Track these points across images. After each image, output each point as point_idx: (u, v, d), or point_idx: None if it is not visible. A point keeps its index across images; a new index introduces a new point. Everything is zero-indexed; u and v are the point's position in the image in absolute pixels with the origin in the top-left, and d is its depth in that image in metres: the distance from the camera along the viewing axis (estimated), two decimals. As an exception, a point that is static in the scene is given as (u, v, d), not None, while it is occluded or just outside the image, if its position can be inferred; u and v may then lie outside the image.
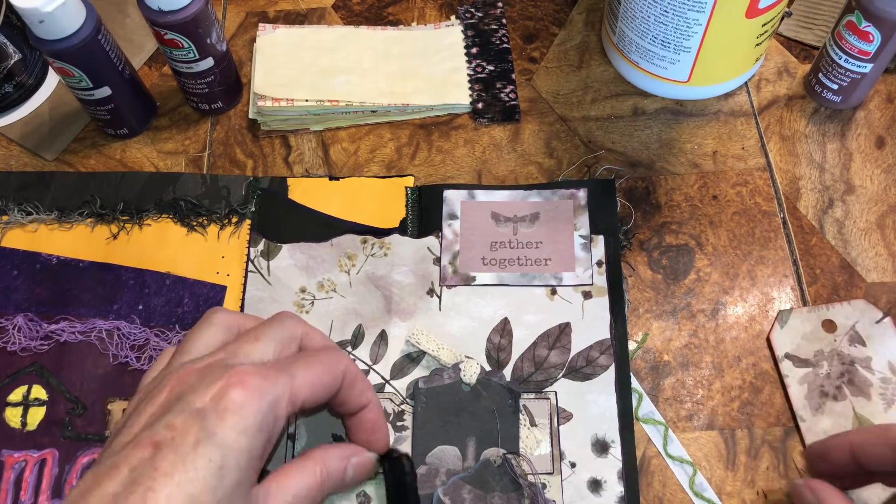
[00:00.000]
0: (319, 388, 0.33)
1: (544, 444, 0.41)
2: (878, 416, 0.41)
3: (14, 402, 0.43)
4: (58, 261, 0.47)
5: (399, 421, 0.42)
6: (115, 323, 0.45)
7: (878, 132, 0.50)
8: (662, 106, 0.51)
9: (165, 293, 0.46)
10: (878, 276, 0.45)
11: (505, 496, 0.40)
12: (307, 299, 0.46)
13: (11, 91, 0.51)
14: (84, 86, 0.46)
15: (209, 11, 0.46)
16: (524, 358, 0.44)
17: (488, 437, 0.41)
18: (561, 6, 0.56)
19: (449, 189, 0.48)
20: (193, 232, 0.48)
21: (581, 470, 0.41)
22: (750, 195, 0.48)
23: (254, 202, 0.48)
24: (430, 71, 0.52)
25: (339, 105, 0.50)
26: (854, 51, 0.46)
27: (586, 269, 0.46)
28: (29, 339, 0.45)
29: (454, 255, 0.46)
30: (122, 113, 0.49)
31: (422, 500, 0.39)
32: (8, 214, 0.48)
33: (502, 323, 0.45)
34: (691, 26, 0.45)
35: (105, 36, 0.45)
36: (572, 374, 0.43)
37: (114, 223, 0.48)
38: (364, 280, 0.46)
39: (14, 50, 0.50)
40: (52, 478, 0.41)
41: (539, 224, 0.48)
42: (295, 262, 0.47)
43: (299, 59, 0.52)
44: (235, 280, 0.46)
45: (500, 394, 0.42)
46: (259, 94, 0.50)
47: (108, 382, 0.43)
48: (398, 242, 0.47)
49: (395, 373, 0.44)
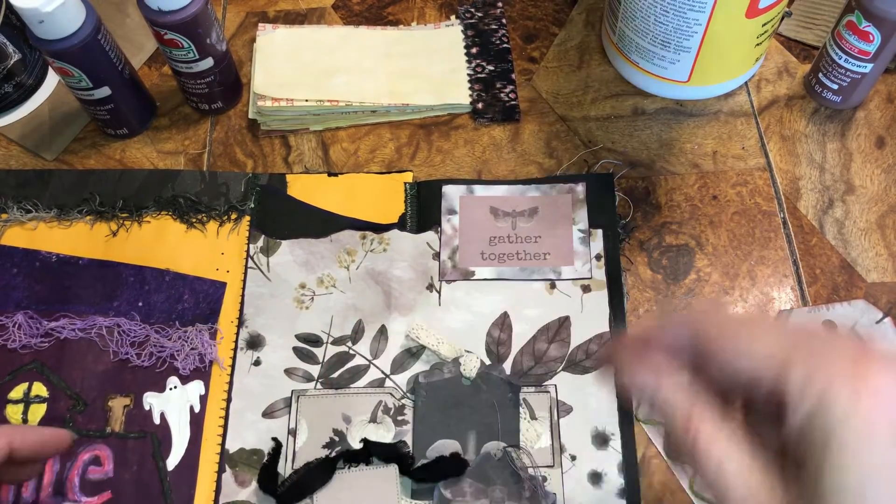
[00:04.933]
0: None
1: (544, 437, 0.42)
2: None
3: (15, 399, 0.43)
4: (57, 258, 0.47)
5: (399, 415, 0.42)
6: (115, 320, 0.45)
7: (878, 132, 0.50)
8: (662, 106, 0.52)
9: (165, 290, 0.46)
10: (878, 276, 0.46)
11: (506, 489, 0.40)
12: (307, 295, 0.46)
13: (11, 91, 0.52)
14: (84, 86, 0.47)
15: (209, 11, 0.46)
16: (524, 352, 0.44)
17: (489, 431, 0.41)
18: (561, 6, 0.56)
19: (448, 184, 0.49)
20: (193, 229, 0.48)
21: (581, 463, 0.41)
22: (750, 195, 0.48)
23: (253, 198, 0.49)
24: (430, 71, 0.53)
25: (339, 105, 0.51)
26: (854, 51, 0.46)
27: (585, 263, 0.46)
28: (29, 336, 0.45)
29: (453, 250, 0.47)
30: (122, 113, 0.50)
31: (423, 494, 0.40)
32: (7, 212, 0.48)
33: (502, 317, 0.45)
34: (691, 26, 0.45)
35: (105, 36, 0.46)
36: (572, 368, 0.44)
37: (113, 220, 0.48)
38: (363, 275, 0.46)
39: (14, 50, 0.50)
40: (54, 474, 0.42)
41: (538, 218, 0.48)
42: (294, 258, 0.47)
43: (299, 59, 0.53)
44: (235, 276, 0.46)
45: (500, 387, 0.43)
46: (259, 94, 0.51)
47: (108, 379, 0.44)
48: (397, 238, 0.47)
49: (395, 367, 0.44)
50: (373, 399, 0.43)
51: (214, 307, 0.46)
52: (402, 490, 0.40)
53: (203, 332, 0.45)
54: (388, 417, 0.42)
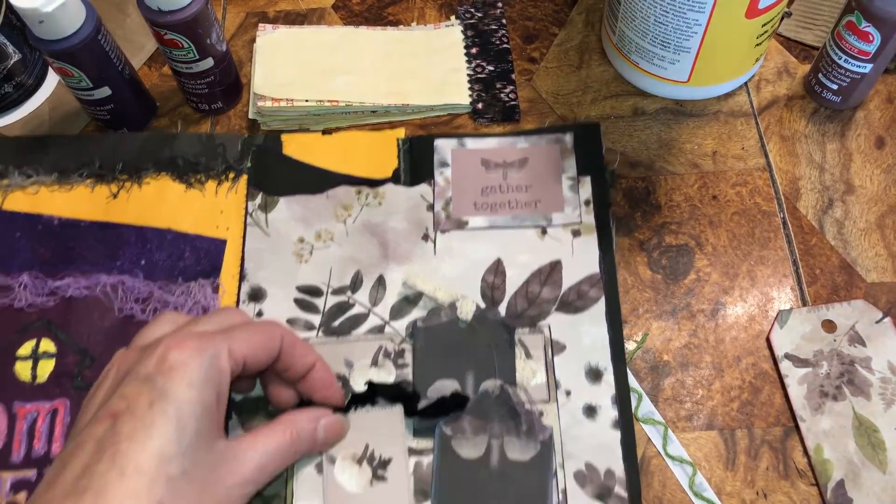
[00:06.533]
0: (257, 347, 0.38)
1: (539, 374, 0.45)
2: (878, 416, 0.43)
3: (23, 356, 0.46)
4: (59, 221, 0.50)
5: (400, 359, 0.45)
6: (119, 277, 0.48)
7: (878, 132, 0.52)
8: (662, 106, 0.54)
9: (167, 248, 0.49)
10: (878, 276, 0.48)
11: (504, 424, 0.43)
12: (305, 248, 0.49)
13: (11, 91, 0.54)
14: (84, 86, 0.49)
15: (209, 11, 0.49)
16: (518, 295, 0.47)
17: (486, 370, 0.45)
18: (561, 6, 0.57)
19: (439, 138, 0.52)
20: (192, 189, 0.51)
21: (576, 397, 0.44)
22: (750, 195, 0.50)
23: (249, 158, 0.52)
24: (430, 71, 0.56)
25: (339, 105, 0.54)
26: (854, 51, 0.47)
27: (575, 209, 0.50)
28: (35, 295, 0.47)
29: (447, 201, 0.50)
30: (122, 113, 0.53)
31: (425, 433, 0.43)
32: (8, 178, 0.51)
33: (495, 263, 0.48)
34: (691, 26, 0.47)
35: (105, 36, 0.48)
36: (564, 308, 0.47)
37: (113, 183, 0.51)
38: (360, 229, 0.49)
39: (14, 50, 0.53)
40: (65, 426, 0.44)
41: (528, 168, 0.51)
42: (292, 214, 0.50)
43: (299, 59, 0.56)
44: (235, 233, 0.49)
45: (495, 329, 0.46)
46: (259, 94, 0.53)
47: (114, 334, 0.46)
48: (392, 191, 0.50)
49: (394, 314, 0.47)
50: (373, 344, 0.46)
51: (216, 263, 0.48)
52: (407, 429, 0.43)
53: (205, 287, 0.47)
54: (388, 361, 0.45)
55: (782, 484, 0.41)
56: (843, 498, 0.41)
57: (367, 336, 0.46)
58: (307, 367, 0.40)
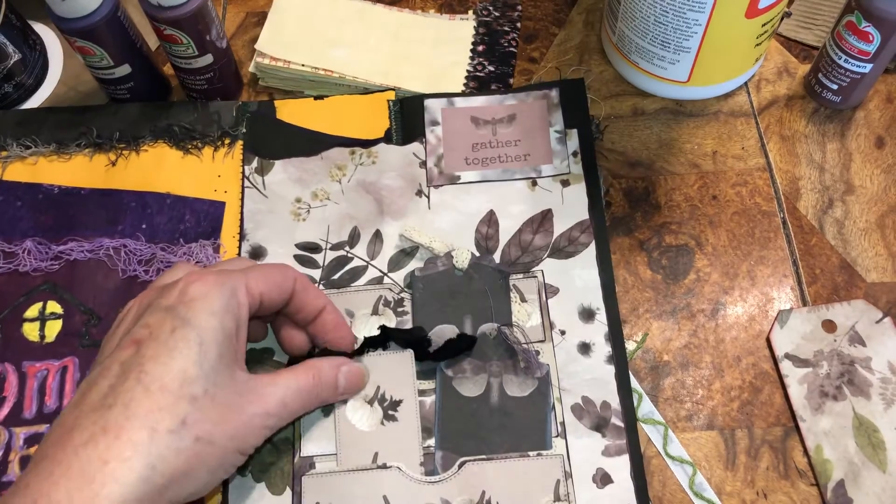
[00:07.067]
0: (273, 285, 0.40)
1: (535, 316, 0.47)
2: (878, 416, 0.44)
3: (31, 317, 0.47)
4: (60, 190, 0.51)
5: (399, 307, 0.48)
6: (121, 241, 0.49)
7: (878, 132, 0.53)
8: (662, 106, 0.55)
9: (167, 212, 0.51)
10: (878, 276, 0.49)
11: (502, 363, 0.45)
12: (303, 208, 0.51)
13: (11, 91, 0.56)
14: (105, 64, 0.51)
15: (209, 8, 0.50)
16: (511, 244, 0.49)
17: (483, 315, 0.47)
18: (561, 6, 0.59)
19: (429, 98, 0.54)
20: (189, 155, 0.53)
21: (571, 336, 0.46)
22: (750, 195, 0.51)
23: (244, 124, 0.54)
24: (432, 60, 0.58)
25: (332, 76, 0.56)
26: (854, 51, 0.48)
27: (563, 160, 0.52)
28: (39, 260, 0.49)
29: (438, 157, 0.52)
30: (141, 92, 0.55)
31: (427, 375, 0.45)
32: (7, 149, 0.53)
33: (488, 215, 0.50)
34: (691, 26, 0.48)
35: (123, 13, 0.51)
36: (556, 254, 0.49)
37: (111, 151, 0.53)
38: (356, 187, 0.52)
39: (14, 50, 0.55)
40: (76, 383, 0.46)
41: (516, 123, 0.53)
42: (288, 176, 0.52)
43: (309, 24, 0.58)
44: (233, 196, 0.51)
45: (491, 275, 0.48)
46: (260, 50, 0.55)
47: (119, 295, 0.48)
48: (385, 150, 0.53)
49: (391, 266, 0.49)
50: (373, 294, 0.48)
51: (216, 225, 0.50)
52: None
53: (207, 247, 0.49)
54: (388, 309, 0.47)
55: (782, 484, 0.42)
56: (843, 498, 0.41)
57: (366, 287, 0.48)
58: (318, 310, 0.42)
